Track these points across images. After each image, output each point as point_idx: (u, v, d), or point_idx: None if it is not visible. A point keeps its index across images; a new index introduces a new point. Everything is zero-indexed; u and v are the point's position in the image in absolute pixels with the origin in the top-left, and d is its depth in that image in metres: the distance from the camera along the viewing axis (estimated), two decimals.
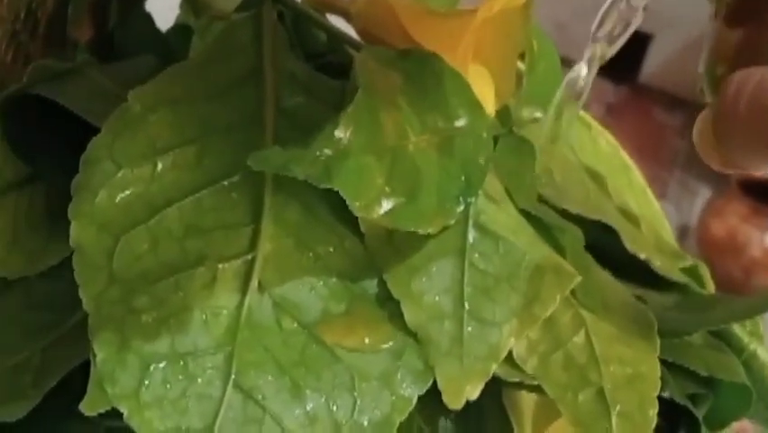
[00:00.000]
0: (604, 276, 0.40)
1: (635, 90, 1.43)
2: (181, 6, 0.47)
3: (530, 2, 0.41)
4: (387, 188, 0.35)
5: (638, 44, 1.42)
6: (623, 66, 1.43)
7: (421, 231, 0.36)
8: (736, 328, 0.43)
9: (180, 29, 0.45)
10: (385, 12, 0.42)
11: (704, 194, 1.23)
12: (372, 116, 0.35)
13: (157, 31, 0.44)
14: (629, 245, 0.43)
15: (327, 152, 0.34)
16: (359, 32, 0.43)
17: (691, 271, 0.45)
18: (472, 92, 0.39)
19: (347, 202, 0.34)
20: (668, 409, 0.41)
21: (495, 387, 0.37)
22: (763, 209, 1.11)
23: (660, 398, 0.39)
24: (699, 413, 0.41)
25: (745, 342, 0.43)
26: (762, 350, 0.43)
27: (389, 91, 0.37)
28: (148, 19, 0.43)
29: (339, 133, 0.34)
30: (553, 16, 1.42)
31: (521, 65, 0.43)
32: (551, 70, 0.44)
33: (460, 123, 0.38)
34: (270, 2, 0.39)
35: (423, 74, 0.38)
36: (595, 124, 0.47)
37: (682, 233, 1.21)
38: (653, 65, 1.42)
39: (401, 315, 0.36)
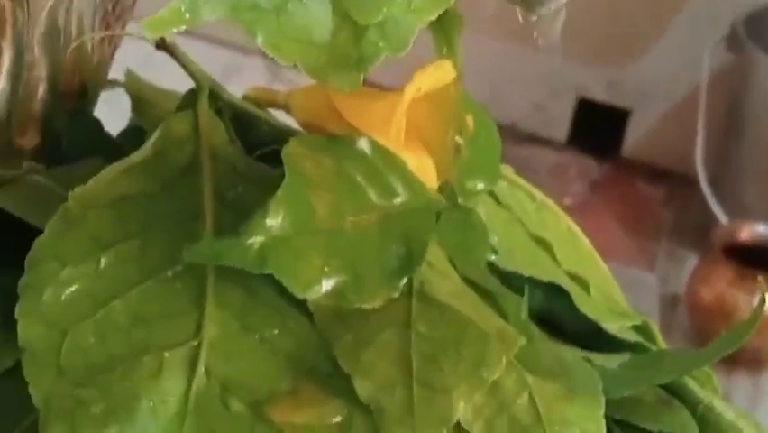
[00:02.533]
0: (547, 340, 0.41)
1: (617, 165, 1.45)
2: (133, 109, 0.49)
3: (459, 77, 0.43)
4: (326, 268, 0.37)
5: (617, 120, 1.45)
6: (604, 142, 1.46)
7: (366, 306, 0.37)
8: (690, 383, 0.44)
9: (132, 131, 0.47)
10: (321, 100, 0.43)
11: (691, 262, 1.24)
12: (303, 201, 0.37)
13: (107, 135, 0.45)
14: (580, 306, 0.44)
15: (259, 238, 0.35)
16: (300, 123, 0.44)
17: (642, 329, 0.46)
18: (408, 169, 0.41)
19: (285, 285, 0.35)
20: None
21: None
22: (747, 273, 1.11)
23: None
24: None
25: (700, 396, 0.43)
26: (717, 402, 0.44)
27: (322, 175, 0.38)
28: (96, 124, 0.45)
29: (270, 220, 0.36)
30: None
31: (459, 139, 0.45)
32: (490, 141, 0.46)
33: (398, 200, 0.39)
34: (206, 99, 0.40)
35: (354, 156, 0.39)
36: (539, 193, 0.48)
37: (673, 302, 1.22)
38: (633, 139, 1.45)
39: (348, 388, 0.37)
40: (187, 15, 0.28)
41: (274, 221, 0.36)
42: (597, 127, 1.46)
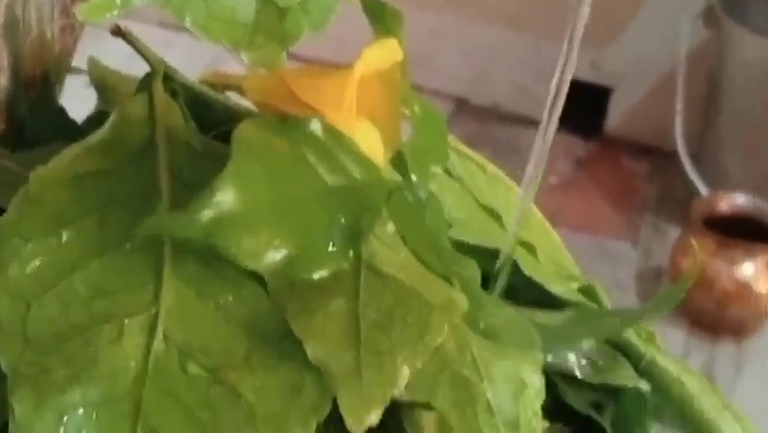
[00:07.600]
0: (491, 301, 0.43)
1: (602, 143, 1.47)
2: (98, 96, 0.51)
3: (405, 60, 0.45)
4: (275, 241, 0.39)
5: (599, 98, 1.46)
6: (588, 121, 1.47)
7: (314, 276, 0.39)
8: (633, 339, 0.46)
9: (97, 116, 0.49)
10: (275, 81, 0.45)
11: (674, 235, 1.26)
12: (251, 177, 0.39)
13: (70, 120, 0.47)
14: (526, 270, 0.46)
15: (208, 212, 0.37)
16: (254, 104, 0.46)
17: (587, 291, 0.48)
18: (359, 148, 0.43)
19: (230, 257, 0.37)
20: (576, 418, 0.44)
21: (395, 410, 0.40)
22: (728, 243, 1.13)
23: (566, 407, 0.42)
24: (605, 421, 0.44)
25: (642, 350, 0.46)
26: (660, 357, 0.46)
27: (272, 154, 0.40)
28: (60, 111, 0.47)
29: (218, 196, 0.38)
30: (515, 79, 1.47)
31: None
32: (437, 126, 0.48)
33: (349, 177, 0.41)
34: (160, 81, 0.42)
35: (305, 136, 0.41)
36: (490, 166, 0.50)
37: (657, 274, 1.24)
38: (616, 117, 1.47)
39: (300, 352, 0.39)
40: (119, 0, 0.30)
41: (222, 197, 0.38)
42: (580, 106, 1.48)
